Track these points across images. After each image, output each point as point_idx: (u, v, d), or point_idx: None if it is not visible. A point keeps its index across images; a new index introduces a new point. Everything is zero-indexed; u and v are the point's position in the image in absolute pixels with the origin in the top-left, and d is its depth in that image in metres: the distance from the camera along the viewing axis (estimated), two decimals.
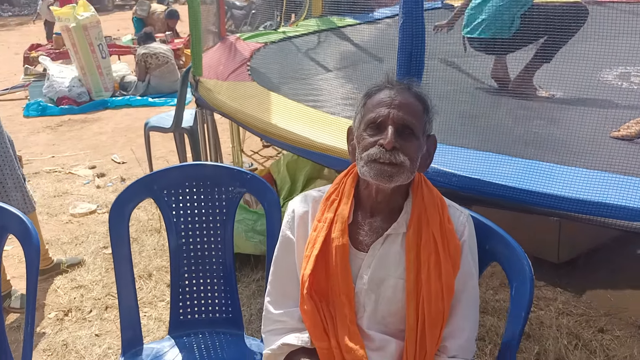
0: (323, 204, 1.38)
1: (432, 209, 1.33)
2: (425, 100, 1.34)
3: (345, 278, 1.32)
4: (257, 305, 2.81)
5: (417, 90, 1.34)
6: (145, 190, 1.87)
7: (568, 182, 1.71)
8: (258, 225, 3.08)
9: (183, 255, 1.90)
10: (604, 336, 2.48)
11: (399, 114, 1.27)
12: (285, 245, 1.41)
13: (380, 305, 1.32)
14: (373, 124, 1.29)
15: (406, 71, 1.77)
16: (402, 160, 1.25)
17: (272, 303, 1.41)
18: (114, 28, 11.86)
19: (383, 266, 1.32)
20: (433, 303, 1.28)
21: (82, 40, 7.02)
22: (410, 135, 1.28)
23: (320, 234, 1.33)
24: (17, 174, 2.85)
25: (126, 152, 5.47)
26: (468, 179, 1.84)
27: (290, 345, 1.33)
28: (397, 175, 1.26)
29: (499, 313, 2.64)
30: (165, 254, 3.37)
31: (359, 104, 1.37)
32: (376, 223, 1.35)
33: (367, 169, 1.27)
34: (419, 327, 1.29)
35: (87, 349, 2.62)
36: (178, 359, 1.79)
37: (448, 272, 1.29)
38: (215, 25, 4.21)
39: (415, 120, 1.29)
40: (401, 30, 1.75)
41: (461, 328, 1.31)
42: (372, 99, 1.33)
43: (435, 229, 1.30)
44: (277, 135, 2.59)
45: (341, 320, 1.31)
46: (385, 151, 1.25)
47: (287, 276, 1.41)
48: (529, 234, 1.85)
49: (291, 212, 1.42)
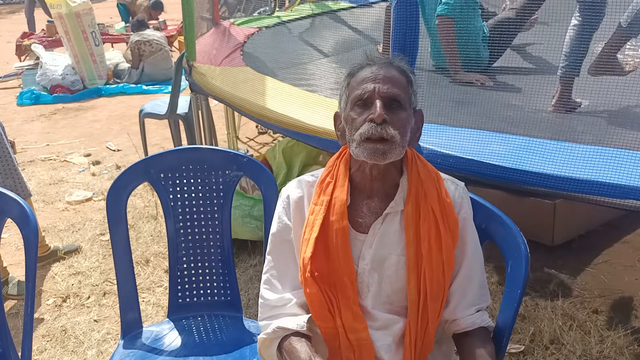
0: (318, 187, 1.37)
1: (429, 183, 1.33)
2: (408, 73, 1.35)
3: (347, 260, 1.32)
4: (255, 290, 2.83)
5: (399, 64, 1.34)
6: (142, 174, 1.87)
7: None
8: (255, 210, 3.08)
9: (181, 238, 1.90)
10: (598, 317, 2.51)
11: (385, 87, 1.27)
12: (282, 230, 1.40)
13: (384, 284, 1.33)
14: (360, 101, 1.29)
15: (400, 52, 1.77)
16: (393, 134, 1.25)
17: (269, 290, 1.40)
18: (106, 16, 11.76)
19: (384, 245, 1.33)
20: (435, 276, 1.29)
21: (75, 27, 6.96)
22: (398, 108, 1.28)
23: (318, 216, 1.33)
24: (9, 159, 2.84)
25: (121, 139, 5.45)
26: (463, 160, 1.85)
27: (285, 329, 1.31)
28: (390, 151, 1.26)
29: (494, 296, 2.66)
30: (162, 240, 3.37)
31: (342, 86, 1.37)
32: (374, 203, 1.35)
33: (360, 149, 1.27)
34: (420, 301, 1.30)
35: (86, 335, 2.63)
36: (178, 340, 1.80)
37: (448, 245, 1.30)
38: (209, 12, 4.19)
39: (401, 92, 1.29)
40: (395, 11, 1.75)
41: (469, 278, 1.34)
42: (356, 77, 1.33)
43: (433, 203, 1.31)
44: (272, 119, 2.59)
45: (344, 301, 1.31)
46: (376, 125, 1.25)
47: (285, 262, 1.39)
48: (524, 217, 1.86)
49: (285, 197, 1.41)
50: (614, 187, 1.61)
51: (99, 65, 7.26)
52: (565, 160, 1.73)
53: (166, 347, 1.78)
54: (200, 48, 3.54)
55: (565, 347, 2.33)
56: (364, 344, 1.31)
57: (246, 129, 5.18)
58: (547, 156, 1.80)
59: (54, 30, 7.86)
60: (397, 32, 1.74)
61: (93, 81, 7.22)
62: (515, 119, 2.31)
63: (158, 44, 7.14)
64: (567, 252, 2.96)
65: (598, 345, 2.33)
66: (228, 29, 4.11)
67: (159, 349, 1.77)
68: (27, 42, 8.34)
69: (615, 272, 2.84)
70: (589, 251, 2.99)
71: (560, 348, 2.33)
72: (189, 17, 3.31)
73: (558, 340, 2.37)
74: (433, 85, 2.81)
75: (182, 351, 1.76)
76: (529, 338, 2.39)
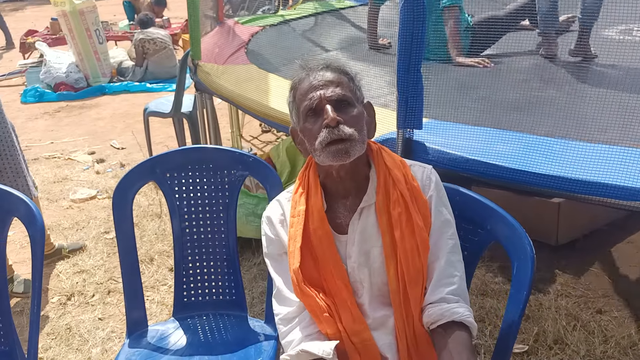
0: (293, 200, 1.40)
1: (396, 170, 1.35)
2: (347, 70, 1.37)
3: (336, 263, 1.33)
4: (259, 288, 2.84)
5: (336, 65, 1.37)
6: (148, 174, 1.88)
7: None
8: (259, 209, 3.09)
9: (186, 238, 1.91)
10: (602, 317, 2.51)
11: (329, 90, 1.30)
12: (274, 247, 1.41)
13: (373, 277, 1.34)
14: (310, 111, 1.32)
15: (407, 51, 1.77)
16: (350, 132, 1.28)
17: (282, 305, 1.38)
18: (110, 13, 11.75)
19: (365, 239, 1.34)
20: (410, 261, 1.29)
21: (79, 25, 6.97)
22: (347, 107, 1.31)
23: (298, 227, 1.35)
24: (18, 160, 2.84)
25: (125, 137, 5.46)
26: (467, 160, 1.85)
27: (310, 354, 1.29)
28: (351, 148, 1.28)
29: (499, 295, 2.67)
30: (167, 238, 3.38)
31: (288, 101, 1.40)
32: (349, 202, 1.37)
33: (324, 155, 1.29)
34: (401, 289, 1.30)
35: (91, 333, 2.64)
36: (183, 340, 1.81)
37: (419, 227, 1.30)
38: (213, 10, 4.19)
39: (346, 90, 1.32)
40: (402, 11, 1.74)
41: (450, 274, 1.32)
42: (299, 90, 1.35)
43: (402, 188, 1.33)
44: (277, 118, 2.59)
45: (341, 304, 1.32)
46: (332, 129, 1.27)
47: (289, 274, 1.37)
48: (528, 216, 1.86)
49: (266, 219, 1.43)
50: (621, 189, 1.60)
51: (102, 63, 7.26)
52: (573, 161, 1.73)
53: (171, 346, 1.79)
54: (204, 47, 3.54)
55: (569, 347, 2.33)
56: (368, 344, 1.32)
57: (250, 127, 5.19)
58: (554, 156, 1.79)
59: (58, 27, 7.87)
60: (403, 32, 1.74)
61: (97, 79, 7.23)
62: (519, 104, 2.32)
63: (162, 42, 7.14)
64: (571, 252, 2.96)
65: (602, 346, 2.33)
66: (232, 28, 4.11)
67: (165, 348, 1.78)
68: (30, 39, 8.36)
69: (619, 272, 2.84)
70: (593, 251, 2.99)
71: (564, 348, 2.33)
72: (194, 15, 3.31)
73: (562, 340, 2.37)
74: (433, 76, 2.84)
75: (188, 350, 1.77)
76: (532, 338, 2.39)
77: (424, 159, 1.89)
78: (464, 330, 1.27)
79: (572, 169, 1.69)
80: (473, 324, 1.29)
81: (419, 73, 1.84)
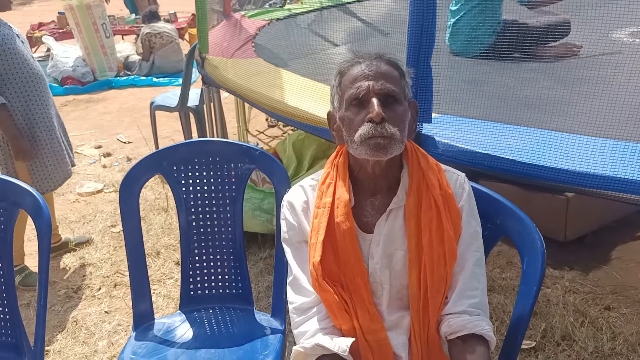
0: (319, 189, 1.36)
1: (431, 174, 1.32)
2: (400, 65, 1.32)
3: (357, 260, 1.31)
4: (265, 282, 2.83)
5: (389, 58, 1.32)
6: (155, 167, 1.88)
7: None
8: (265, 203, 3.08)
9: (193, 231, 1.90)
10: (610, 313, 2.49)
11: (379, 83, 1.25)
12: (295, 234, 1.37)
13: (394, 280, 1.32)
14: (355, 101, 1.27)
15: (417, 45, 1.76)
16: (393, 132, 1.24)
17: (297, 294, 1.35)
18: (116, 7, 11.76)
19: (391, 241, 1.31)
20: (435, 269, 1.27)
21: (86, 19, 6.97)
22: (394, 103, 1.27)
23: (323, 219, 1.31)
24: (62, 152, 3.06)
25: (131, 131, 5.46)
26: (475, 154, 1.83)
27: (325, 349, 1.27)
28: (391, 146, 1.24)
29: (506, 291, 2.65)
30: (173, 232, 3.38)
31: (332, 85, 1.35)
32: (377, 201, 1.34)
33: (362, 148, 1.25)
34: (422, 294, 1.28)
35: (97, 326, 2.64)
36: (189, 333, 1.81)
37: (450, 237, 1.28)
38: (220, 4, 4.18)
39: (396, 86, 1.27)
40: (412, 4, 1.73)
41: (473, 287, 1.30)
42: (347, 76, 1.30)
43: (436, 194, 1.29)
44: (284, 112, 2.58)
45: (359, 302, 1.30)
46: (375, 125, 1.23)
47: (307, 263, 1.35)
48: (536, 212, 1.84)
49: (288, 204, 1.39)
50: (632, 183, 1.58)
51: (109, 57, 7.26)
52: (584, 155, 1.71)
53: (178, 339, 1.79)
54: (212, 40, 3.53)
55: (577, 343, 2.31)
56: (383, 344, 1.30)
57: (256, 122, 5.18)
58: (565, 150, 1.77)
59: (65, 21, 7.87)
60: (413, 26, 1.72)
61: (103, 73, 7.23)
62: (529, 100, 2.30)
63: (169, 36, 7.13)
64: (579, 248, 2.94)
65: (610, 342, 2.31)
66: (239, 21, 4.10)
67: (171, 341, 1.78)
68: (38, 33, 8.37)
69: (628, 268, 2.82)
70: (601, 247, 2.97)
71: (571, 344, 2.32)
72: (201, 9, 3.30)
73: (569, 336, 2.36)
74: (452, 71, 2.82)
75: (194, 343, 1.77)
76: (540, 334, 2.37)
77: (433, 152, 1.87)
78: (482, 345, 1.26)
79: (583, 163, 1.67)
80: (493, 338, 1.27)
81: (428, 67, 1.82)
